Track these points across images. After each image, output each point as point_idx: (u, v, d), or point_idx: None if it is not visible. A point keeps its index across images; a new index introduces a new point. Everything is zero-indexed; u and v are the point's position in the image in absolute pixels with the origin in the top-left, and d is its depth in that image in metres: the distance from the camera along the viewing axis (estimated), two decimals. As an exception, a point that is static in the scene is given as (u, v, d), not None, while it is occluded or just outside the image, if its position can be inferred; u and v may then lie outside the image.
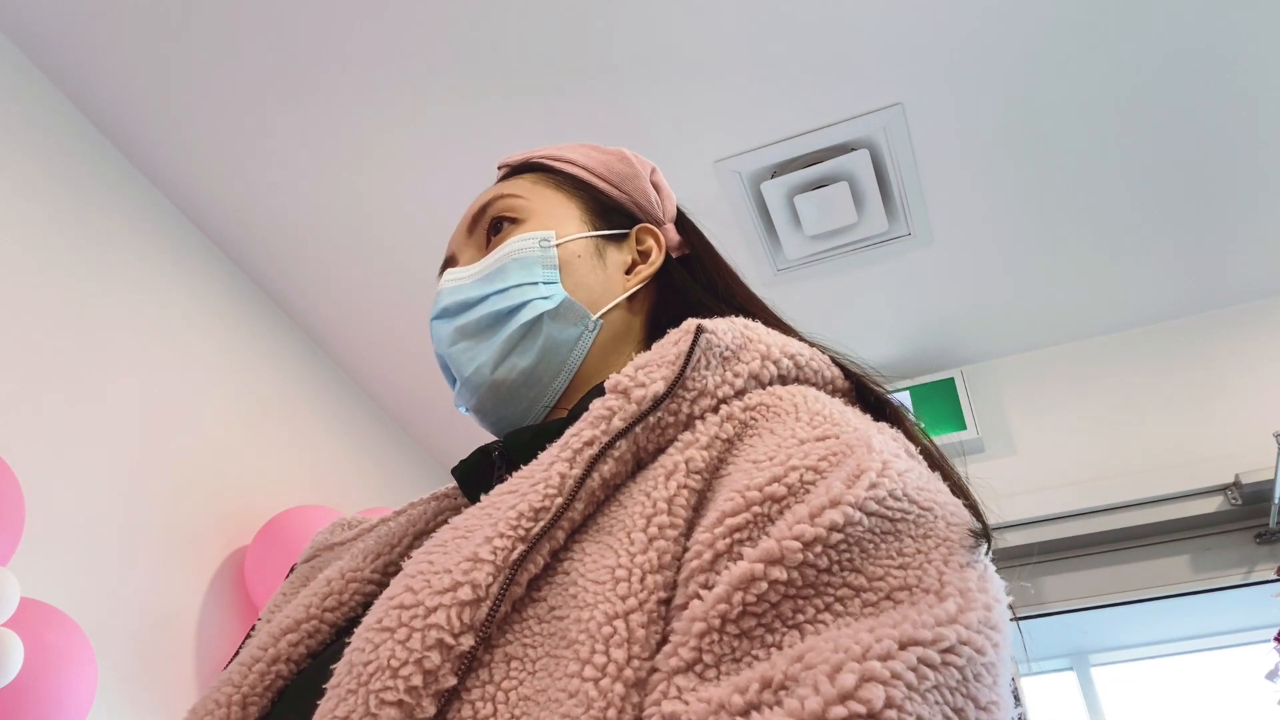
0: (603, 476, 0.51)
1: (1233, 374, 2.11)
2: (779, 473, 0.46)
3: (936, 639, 0.37)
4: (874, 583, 0.42)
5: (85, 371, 1.51)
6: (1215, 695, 2.40)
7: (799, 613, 0.41)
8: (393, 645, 0.45)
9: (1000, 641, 0.40)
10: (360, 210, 1.87)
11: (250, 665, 0.55)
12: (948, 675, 0.37)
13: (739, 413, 0.54)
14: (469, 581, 0.46)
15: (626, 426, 0.52)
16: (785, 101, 1.70)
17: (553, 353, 0.68)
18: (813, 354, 0.61)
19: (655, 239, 0.76)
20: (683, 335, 0.57)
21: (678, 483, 0.49)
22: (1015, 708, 0.41)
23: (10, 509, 1.17)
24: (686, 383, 0.55)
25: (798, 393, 0.55)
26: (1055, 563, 2.10)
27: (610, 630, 0.43)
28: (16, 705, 1.11)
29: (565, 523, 0.50)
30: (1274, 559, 1.94)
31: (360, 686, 0.44)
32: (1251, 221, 1.97)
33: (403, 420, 2.43)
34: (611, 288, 0.72)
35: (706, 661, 0.40)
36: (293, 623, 0.57)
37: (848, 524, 0.42)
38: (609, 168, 0.78)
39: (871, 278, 2.08)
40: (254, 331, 1.98)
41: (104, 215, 1.66)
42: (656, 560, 0.46)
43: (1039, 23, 1.58)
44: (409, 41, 1.58)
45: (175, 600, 1.57)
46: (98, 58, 1.58)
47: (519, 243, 0.71)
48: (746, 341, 0.59)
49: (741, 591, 0.41)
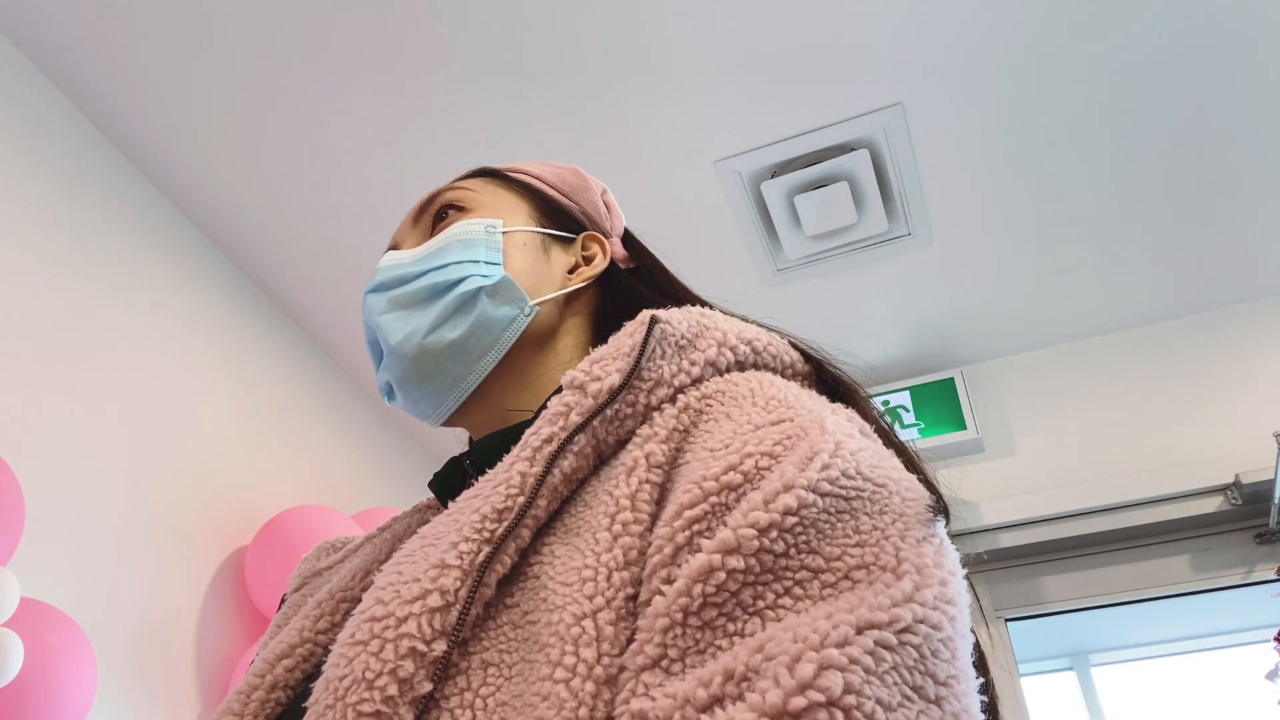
0: (563, 472, 0.52)
1: (1233, 374, 2.11)
2: (734, 460, 0.47)
3: (893, 620, 0.38)
4: (831, 563, 0.42)
5: (85, 372, 1.51)
6: (1215, 695, 2.40)
7: (759, 599, 0.41)
8: (366, 658, 0.45)
9: (957, 615, 0.41)
10: (360, 210, 1.87)
11: (249, 694, 0.56)
12: (905, 655, 0.37)
13: (695, 402, 0.54)
14: (437, 588, 0.47)
15: (584, 421, 0.53)
16: (785, 101, 1.70)
17: (484, 330, 0.67)
18: (770, 338, 0.61)
19: (601, 246, 0.76)
20: (637, 327, 0.58)
21: (639, 478, 0.50)
22: (979, 678, 0.41)
23: (10, 509, 1.17)
24: (642, 374, 0.55)
25: (753, 378, 0.55)
26: (1055, 563, 2.10)
27: (579, 631, 0.44)
28: (16, 705, 1.11)
29: (530, 521, 0.50)
30: (1274, 559, 1.94)
31: (337, 701, 0.45)
32: (1252, 221, 1.97)
33: (403, 420, 2.43)
34: (552, 280, 0.72)
35: (671, 656, 0.41)
36: (287, 648, 0.58)
37: (801, 506, 0.43)
38: (561, 178, 0.79)
39: (871, 278, 2.08)
40: (254, 331, 1.98)
41: (104, 216, 1.66)
42: (622, 558, 0.46)
43: (1039, 23, 1.58)
44: (410, 44, 1.58)
45: (175, 600, 1.57)
46: (98, 58, 1.58)
47: (464, 226, 0.71)
48: (703, 329, 0.59)
49: (701, 583, 0.42)
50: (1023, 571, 2.11)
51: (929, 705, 0.37)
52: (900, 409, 2.27)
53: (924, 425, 2.23)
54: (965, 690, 0.39)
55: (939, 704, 0.37)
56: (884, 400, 2.29)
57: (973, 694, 0.40)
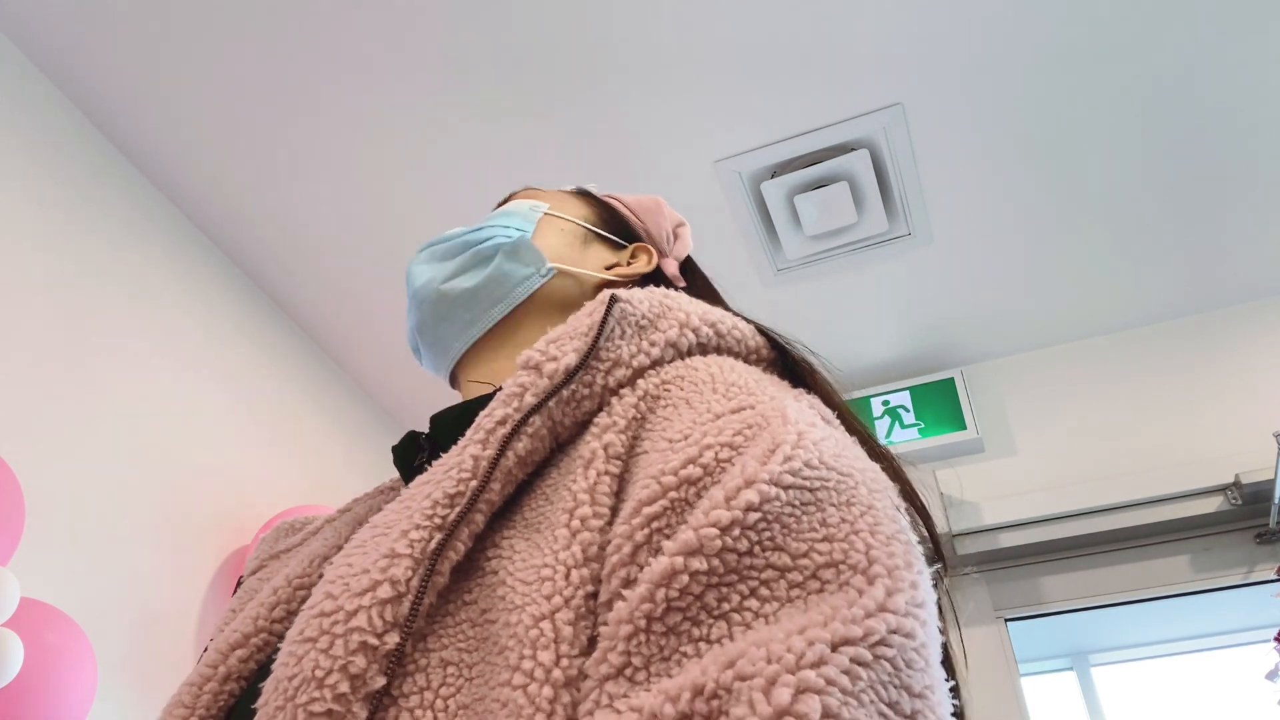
0: (518, 455, 0.51)
1: (1232, 374, 2.10)
2: (693, 453, 0.45)
3: (867, 633, 0.37)
4: (798, 560, 0.41)
5: (85, 372, 1.51)
6: (1215, 695, 2.40)
7: (724, 601, 0.40)
8: (316, 655, 0.44)
9: (928, 618, 0.40)
10: (360, 210, 1.87)
11: (201, 685, 0.54)
12: (880, 670, 0.37)
13: (653, 388, 0.53)
14: (387, 579, 0.46)
15: (539, 402, 0.52)
16: (785, 102, 1.70)
17: (497, 282, 0.70)
18: (735, 322, 0.60)
19: (649, 256, 0.76)
20: (597, 306, 0.56)
21: (597, 470, 0.48)
22: (948, 680, 0.40)
23: (10, 509, 1.17)
24: (600, 353, 0.54)
25: (714, 363, 0.54)
26: (1055, 563, 2.10)
27: (537, 633, 0.42)
28: (16, 705, 1.11)
29: (483, 505, 0.49)
30: (1274, 559, 1.94)
31: (287, 702, 0.43)
32: (1252, 221, 1.97)
33: (403, 420, 2.43)
34: (580, 262, 0.73)
35: (635, 664, 0.40)
36: (241, 637, 0.55)
37: (764, 501, 0.42)
38: (637, 200, 0.81)
39: (871, 278, 2.08)
40: (254, 331, 1.98)
41: (104, 216, 1.66)
42: (581, 555, 0.45)
43: (1039, 23, 1.58)
44: (410, 47, 1.58)
45: (175, 600, 1.57)
46: (98, 58, 1.58)
47: (515, 204, 0.76)
48: (665, 310, 0.58)
49: (664, 588, 0.40)
50: (1023, 571, 2.11)
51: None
52: (900, 409, 2.27)
53: (924, 425, 2.23)
54: (940, 700, 0.38)
55: (913, 718, 0.36)
56: (884, 400, 2.29)
57: (946, 701, 0.39)
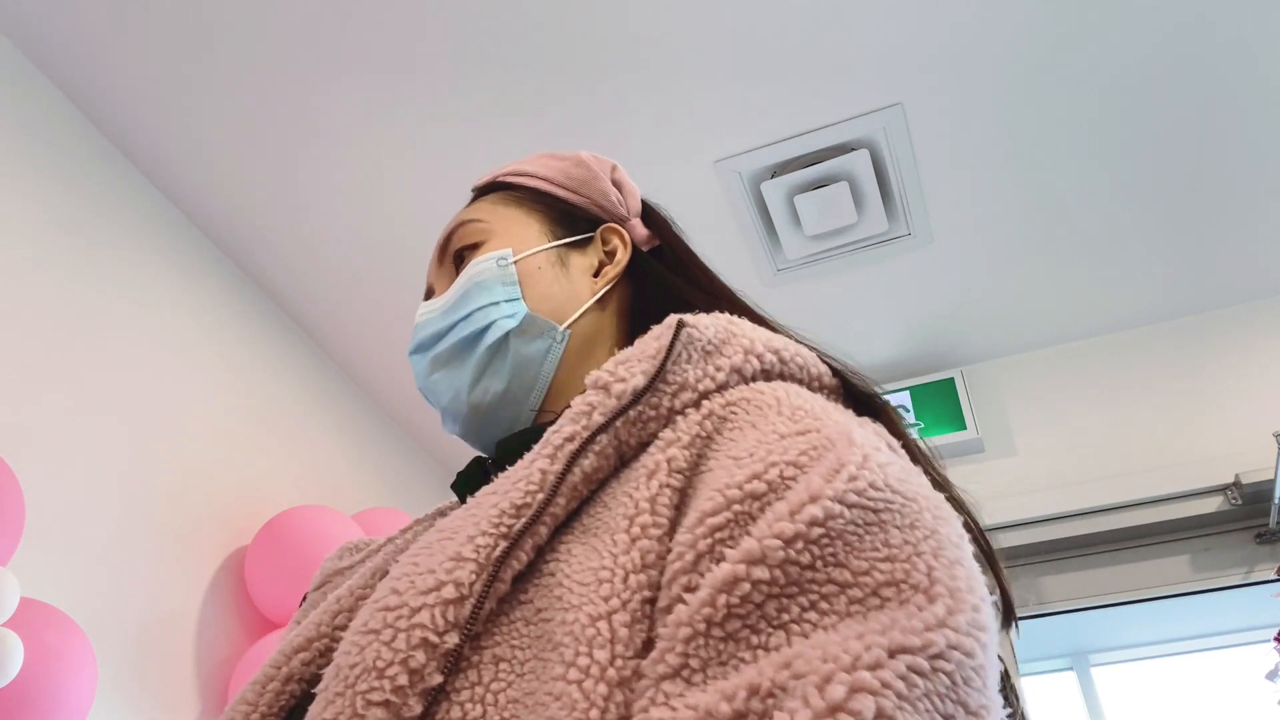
0: (584, 471, 0.52)
1: (1232, 374, 2.10)
2: (759, 469, 0.46)
3: (926, 645, 0.37)
4: (859, 577, 0.41)
5: (86, 372, 1.51)
6: (1215, 695, 2.40)
7: (784, 612, 0.41)
8: (378, 647, 0.45)
9: (989, 642, 0.40)
10: (359, 209, 1.87)
11: (264, 684, 0.56)
12: (937, 682, 0.37)
13: (719, 409, 0.53)
14: (452, 580, 0.47)
15: (607, 421, 0.53)
16: (785, 101, 1.70)
17: (523, 369, 0.68)
18: (798, 349, 0.61)
19: (620, 237, 0.76)
20: (664, 330, 0.57)
21: (660, 482, 0.49)
22: (1005, 708, 0.41)
23: (10, 509, 1.17)
24: (667, 376, 0.55)
25: (780, 388, 0.55)
26: (1055, 563, 2.10)
27: (594, 632, 0.43)
28: (16, 705, 1.11)
29: (548, 518, 0.50)
30: (1274, 559, 1.94)
31: (347, 689, 0.45)
32: (1251, 221, 1.97)
33: (403, 420, 2.43)
34: (578, 294, 0.72)
35: (693, 666, 0.40)
36: (304, 641, 0.57)
37: (828, 518, 0.42)
38: (566, 174, 0.78)
39: (871, 278, 2.08)
40: (254, 331, 1.98)
41: (104, 216, 1.66)
42: (640, 560, 0.46)
43: (1039, 23, 1.58)
44: (411, 46, 1.58)
45: (175, 600, 1.57)
46: (98, 58, 1.58)
47: (477, 265, 0.71)
48: (730, 336, 0.58)
49: (725, 594, 0.41)
50: (1023, 571, 2.11)
51: None
52: (900, 409, 2.27)
53: (924, 425, 2.23)
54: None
55: None
56: (884, 400, 2.29)
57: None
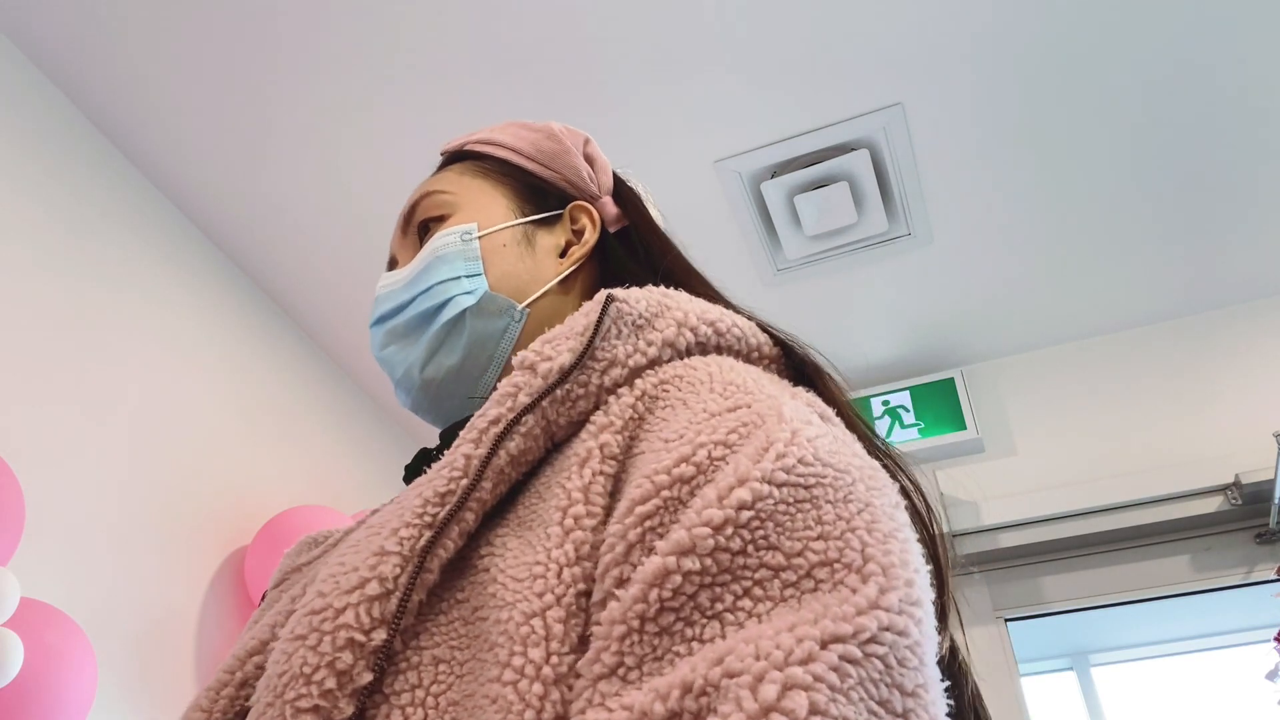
0: (510, 454, 0.51)
1: (1232, 374, 2.10)
2: (687, 451, 0.45)
3: (858, 631, 0.37)
4: (793, 559, 0.40)
5: (85, 371, 1.51)
6: (1215, 695, 2.40)
7: (718, 601, 0.40)
8: (305, 652, 0.45)
9: (923, 617, 0.39)
10: (360, 209, 1.87)
11: (219, 690, 0.54)
12: (870, 668, 0.36)
13: (652, 388, 0.52)
14: (376, 576, 0.46)
15: (533, 401, 0.51)
16: (785, 101, 1.70)
17: (479, 347, 0.67)
18: (735, 320, 0.60)
19: (589, 216, 0.74)
20: (594, 306, 0.56)
21: (593, 470, 0.48)
22: (943, 680, 0.40)
23: (10, 509, 1.17)
24: (596, 353, 0.54)
25: (713, 362, 0.53)
26: (1055, 563, 2.10)
27: (528, 630, 0.43)
28: (16, 705, 1.11)
29: (474, 504, 0.49)
30: (1274, 559, 1.94)
31: (276, 699, 0.44)
32: (1251, 221, 1.97)
33: (403, 420, 2.43)
34: (541, 274, 0.70)
35: (629, 664, 0.39)
36: (258, 644, 0.55)
37: (757, 500, 0.41)
38: (537, 147, 0.75)
39: (871, 278, 2.08)
40: (254, 331, 1.98)
41: (104, 215, 1.66)
42: (574, 553, 0.45)
43: (1039, 23, 1.58)
44: (409, 43, 1.58)
45: (175, 600, 1.57)
46: (98, 58, 1.58)
47: (441, 239, 0.70)
48: (663, 309, 0.57)
49: (657, 588, 0.40)
50: (1023, 571, 2.11)
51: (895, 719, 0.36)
52: (900, 409, 2.27)
53: (924, 425, 2.23)
54: (933, 699, 0.38)
55: (905, 717, 0.36)
56: (884, 400, 2.29)
57: (940, 701, 0.39)
